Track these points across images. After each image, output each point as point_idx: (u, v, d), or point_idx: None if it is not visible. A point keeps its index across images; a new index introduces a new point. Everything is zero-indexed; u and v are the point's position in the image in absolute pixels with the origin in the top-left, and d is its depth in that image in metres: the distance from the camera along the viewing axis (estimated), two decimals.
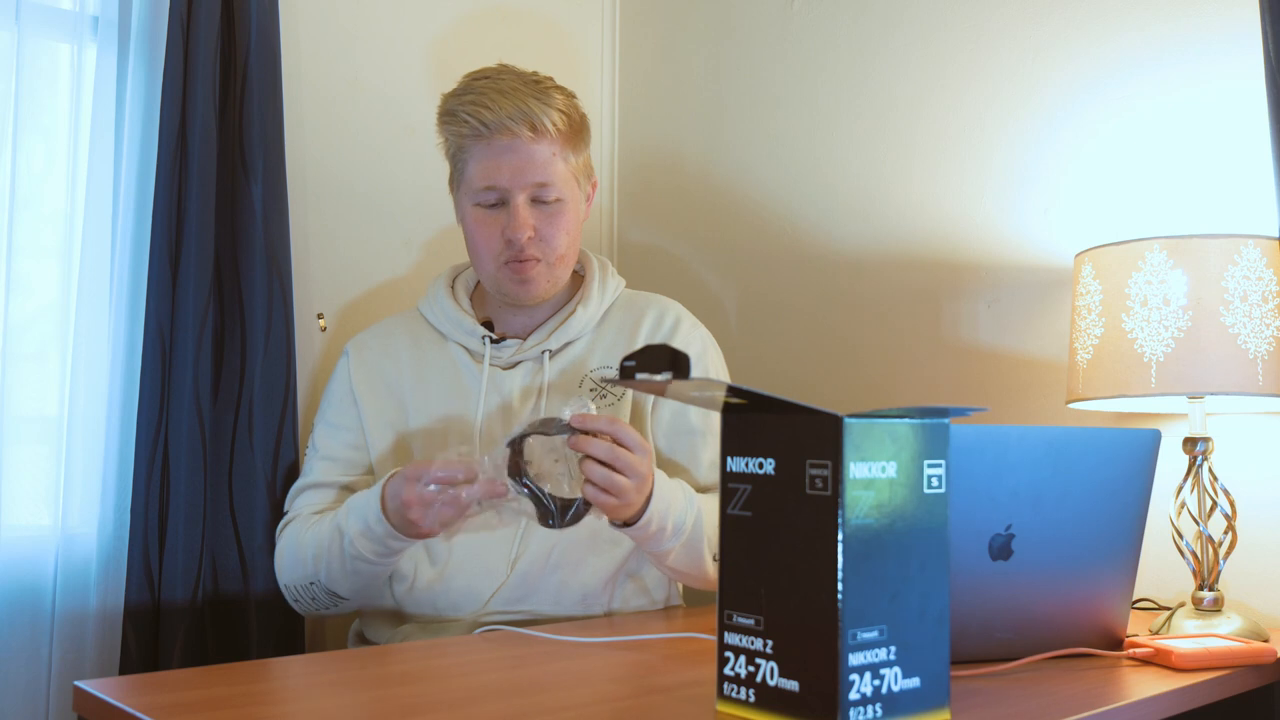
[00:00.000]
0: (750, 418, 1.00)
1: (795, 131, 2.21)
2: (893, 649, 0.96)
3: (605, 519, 1.42)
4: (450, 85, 1.68)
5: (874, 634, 0.94)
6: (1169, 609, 1.53)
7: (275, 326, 1.84)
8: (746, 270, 2.27)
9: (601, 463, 1.34)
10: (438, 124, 1.64)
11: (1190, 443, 1.50)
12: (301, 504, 1.67)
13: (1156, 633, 1.45)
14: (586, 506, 1.38)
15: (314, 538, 1.57)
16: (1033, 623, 1.24)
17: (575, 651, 1.29)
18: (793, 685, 0.95)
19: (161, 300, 1.75)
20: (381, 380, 1.69)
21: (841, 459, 0.93)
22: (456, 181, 1.65)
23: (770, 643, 0.97)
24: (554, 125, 1.58)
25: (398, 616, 1.63)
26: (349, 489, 1.65)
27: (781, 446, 0.97)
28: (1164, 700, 1.14)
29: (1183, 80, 1.71)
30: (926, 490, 0.99)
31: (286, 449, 1.83)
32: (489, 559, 1.57)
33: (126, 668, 1.70)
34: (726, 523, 1.01)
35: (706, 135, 2.36)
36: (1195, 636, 1.34)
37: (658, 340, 1.67)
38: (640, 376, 1.02)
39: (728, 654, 1.00)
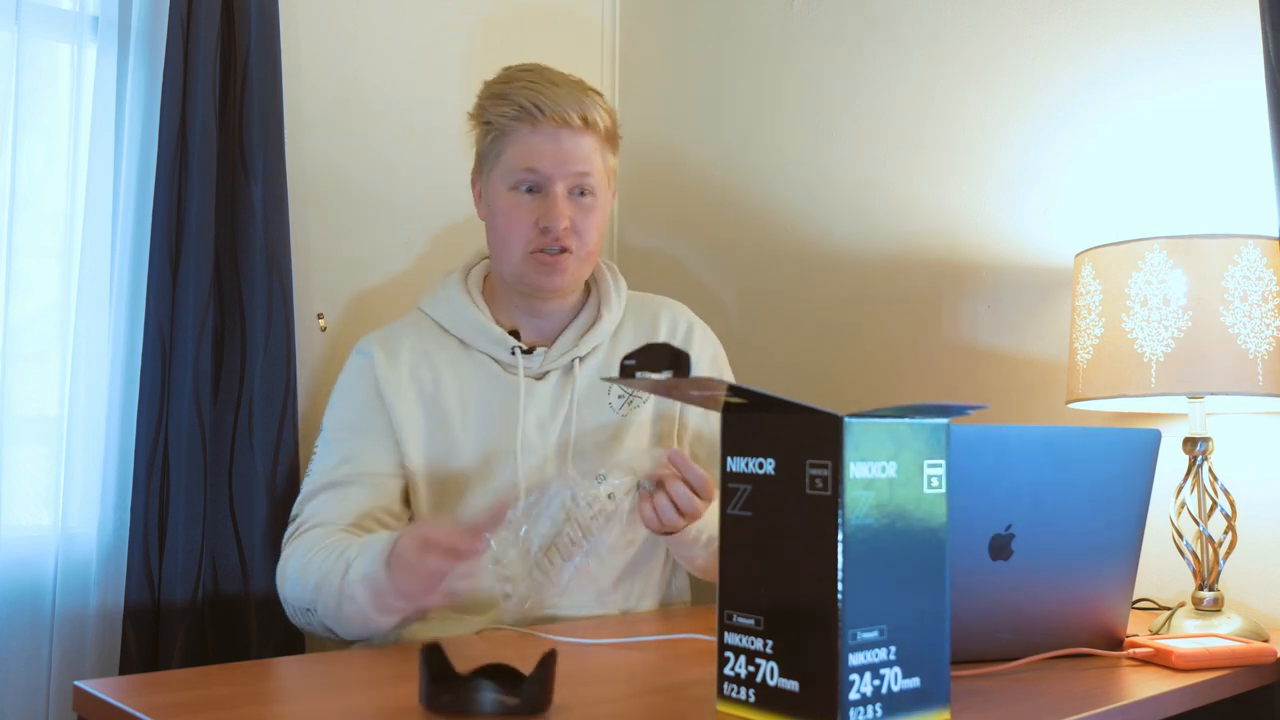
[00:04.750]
0: (750, 418, 1.00)
1: (795, 131, 2.21)
2: (893, 649, 0.96)
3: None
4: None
5: (874, 634, 0.94)
6: (1169, 609, 1.53)
7: (275, 326, 1.84)
8: (746, 270, 2.27)
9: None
10: (479, 108, 1.62)
11: (1190, 443, 1.50)
12: (315, 509, 1.55)
13: (1156, 633, 1.45)
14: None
15: (320, 564, 1.44)
16: (1033, 623, 1.24)
17: (576, 651, 1.29)
18: (793, 685, 0.95)
19: (161, 300, 1.75)
20: (417, 388, 1.61)
21: (842, 459, 0.93)
22: (488, 168, 1.61)
23: (770, 643, 0.97)
24: (601, 121, 1.60)
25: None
26: (373, 487, 1.56)
27: (781, 446, 0.97)
28: (1164, 700, 1.14)
29: (1183, 80, 1.71)
30: (926, 490, 0.99)
31: (286, 449, 1.83)
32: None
33: (126, 668, 1.70)
34: (726, 523, 1.01)
35: (707, 135, 2.36)
36: (1195, 636, 1.34)
37: (675, 343, 1.65)
38: (640, 376, 1.02)
39: (728, 654, 1.00)
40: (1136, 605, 1.62)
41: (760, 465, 0.99)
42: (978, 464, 1.16)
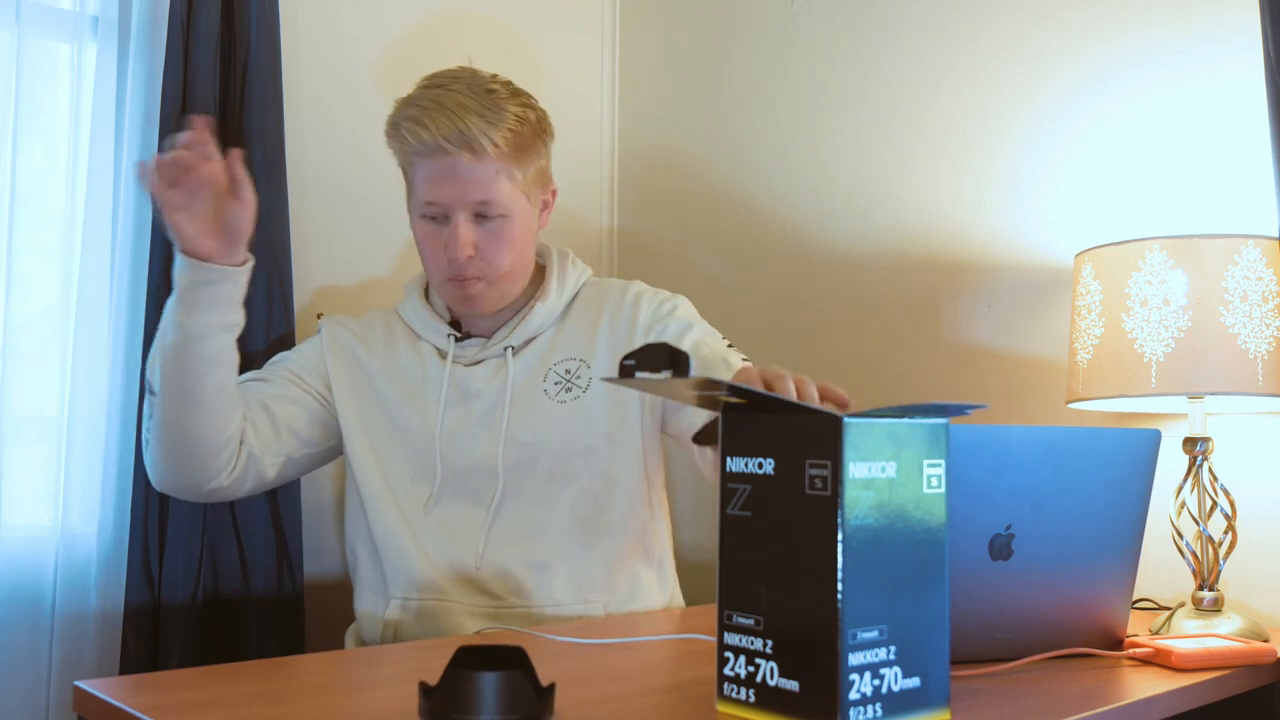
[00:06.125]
0: (749, 418, 1.00)
1: (796, 131, 2.21)
2: (893, 649, 0.95)
3: None
4: None
5: (874, 634, 0.94)
6: (1169, 609, 1.53)
7: (275, 326, 1.84)
8: (747, 271, 2.27)
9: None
10: (385, 134, 1.61)
11: (1190, 443, 1.50)
12: None
13: (1156, 633, 1.45)
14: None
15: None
16: (1033, 623, 1.23)
17: (575, 651, 1.29)
18: (793, 685, 0.95)
19: (161, 300, 1.74)
20: (354, 359, 1.67)
21: (841, 459, 0.93)
22: (407, 193, 1.63)
23: (770, 643, 0.97)
24: (495, 144, 1.53)
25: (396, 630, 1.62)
26: (282, 383, 1.62)
27: (781, 446, 0.97)
28: (1164, 700, 1.14)
29: (1183, 80, 1.72)
30: (926, 490, 0.99)
31: None
32: (458, 545, 1.58)
33: (126, 668, 1.70)
34: (726, 523, 1.01)
35: (707, 134, 2.36)
36: (1195, 636, 1.34)
37: (621, 318, 1.65)
38: (640, 375, 1.01)
39: (727, 654, 1.00)
40: (1136, 605, 1.62)
41: (760, 465, 0.98)
42: (978, 464, 1.16)
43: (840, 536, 0.92)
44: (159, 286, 1.75)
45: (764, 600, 0.97)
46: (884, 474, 0.95)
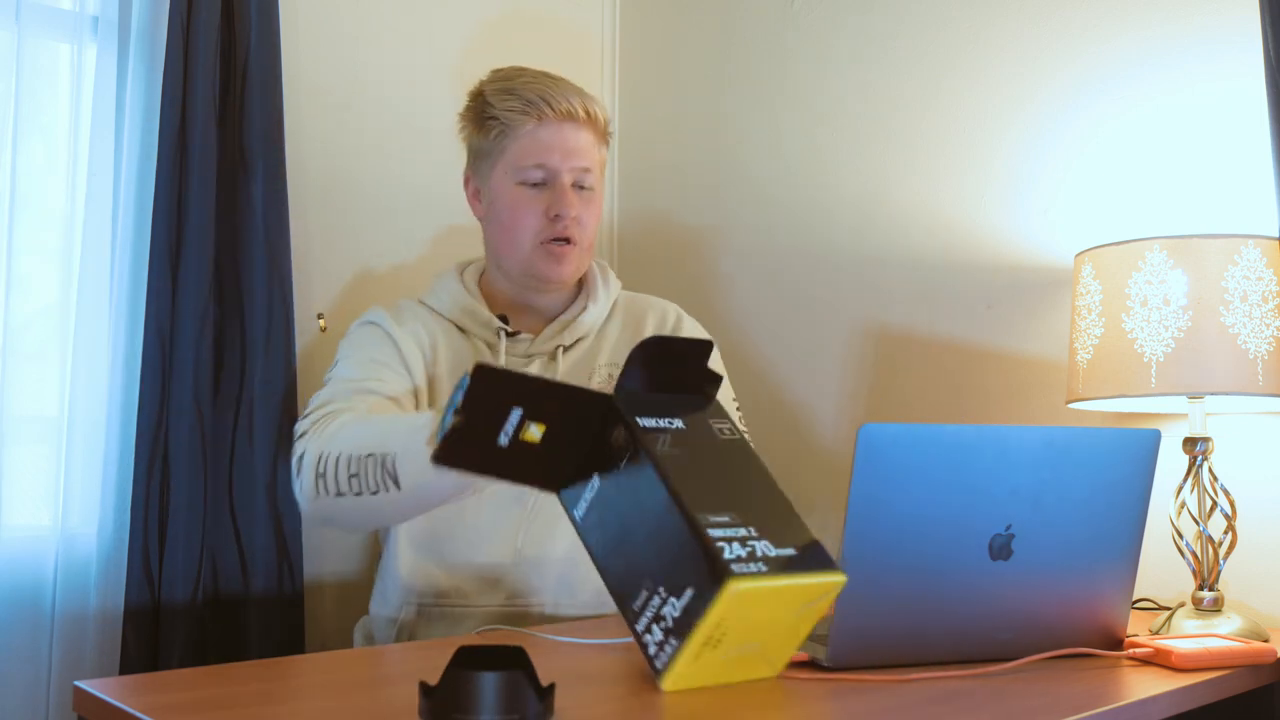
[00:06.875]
0: (571, 468, 1.08)
1: (796, 132, 2.21)
2: (751, 529, 1.00)
3: None
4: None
5: (725, 518, 1.00)
6: (1169, 609, 1.53)
7: (275, 326, 1.84)
8: (746, 271, 2.27)
9: None
10: (480, 105, 1.65)
11: (1190, 443, 1.50)
12: (341, 403, 1.51)
13: (1156, 633, 1.45)
14: None
15: (411, 418, 1.41)
16: (1033, 623, 1.24)
17: (575, 651, 1.29)
18: (688, 595, 0.98)
19: (161, 300, 1.75)
20: (421, 352, 1.63)
21: (628, 420, 1.03)
22: (489, 164, 1.64)
23: (660, 587, 1.01)
24: (597, 116, 1.65)
25: (400, 621, 1.62)
26: (393, 402, 1.54)
27: (592, 461, 1.06)
28: (1164, 700, 1.14)
29: (1183, 80, 1.72)
30: (722, 438, 1.08)
31: (286, 449, 1.83)
32: (495, 540, 1.58)
33: (126, 668, 1.70)
34: (600, 559, 1.07)
35: (707, 135, 2.36)
36: (1195, 636, 1.34)
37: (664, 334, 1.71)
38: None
39: (645, 638, 1.04)
40: (1136, 605, 1.62)
41: (592, 489, 1.07)
42: (978, 464, 1.16)
43: (652, 460, 1.01)
44: (159, 286, 1.75)
45: (644, 567, 1.03)
46: (672, 425, 1.06)
